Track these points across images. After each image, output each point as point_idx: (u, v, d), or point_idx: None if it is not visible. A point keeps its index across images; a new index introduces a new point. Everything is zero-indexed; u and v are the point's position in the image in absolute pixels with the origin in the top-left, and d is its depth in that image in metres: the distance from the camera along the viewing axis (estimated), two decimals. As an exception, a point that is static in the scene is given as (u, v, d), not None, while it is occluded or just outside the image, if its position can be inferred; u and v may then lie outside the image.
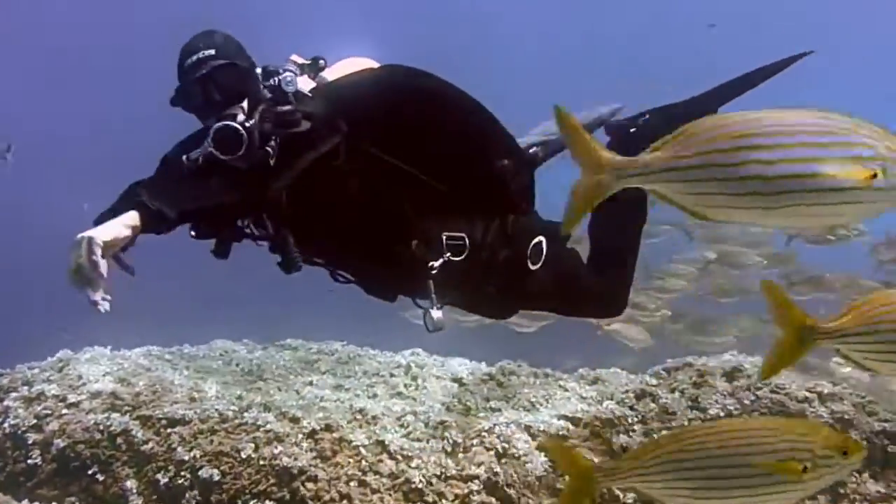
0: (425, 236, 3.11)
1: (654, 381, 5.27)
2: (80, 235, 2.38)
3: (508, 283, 3.35)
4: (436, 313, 3.16)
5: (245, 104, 2.88)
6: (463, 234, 3.17)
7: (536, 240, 3.31)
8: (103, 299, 2.40)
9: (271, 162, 2.83)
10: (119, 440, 4.58)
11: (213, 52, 2.86)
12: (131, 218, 2.50)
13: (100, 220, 3.09)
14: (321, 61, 3.20)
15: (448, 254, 3.13)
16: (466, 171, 3.19)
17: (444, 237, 3.14)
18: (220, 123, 2.79)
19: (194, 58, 2.86)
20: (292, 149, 2.86)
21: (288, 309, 11.84)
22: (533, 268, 3.31)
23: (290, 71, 3.00)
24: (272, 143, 2.83)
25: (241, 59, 2.93)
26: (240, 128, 2.78)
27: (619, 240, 3.70)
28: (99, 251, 2.36)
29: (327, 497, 4.31)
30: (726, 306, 8.25)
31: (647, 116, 3.59)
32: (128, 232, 2.48)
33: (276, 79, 2.95)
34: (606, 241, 3.67)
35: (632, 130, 3.57)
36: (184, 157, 2.88)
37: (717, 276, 8.22)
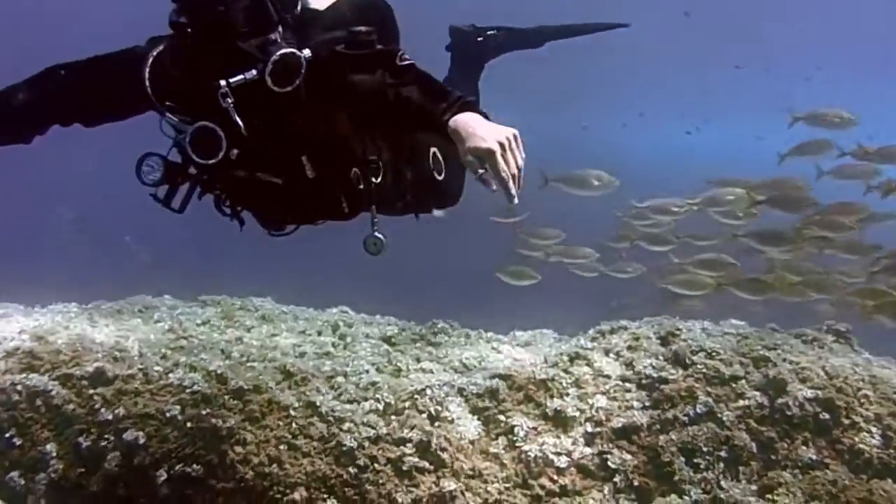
0: (359, 162, 3.13)
1: (588, 344, 5.27)
2: (496, 138, 2.41)
3: (422, 194, 3.56)
4: (379, 235, 3.17)
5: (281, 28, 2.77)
6: (376, 157, 3.17)
7: (431, 151, 3.48)
8: None
9: None
10: (38, 401, 4.38)
11: None
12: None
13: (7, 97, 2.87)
14: None
15: (372, 177, 3.14)
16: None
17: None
18: (286, 51, 2.69)
19: None
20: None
21: (206, 265, 11.60)
22: (440, 178, 3.53)
23: None
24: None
25: None
26: (302, 57, 2.71)
27: None
28: None
29: (256, 461, 4.22)
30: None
31: (495, 32, 3.99)
32: None
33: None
34: None
35: (479, 39, 3.97)
36: (223, 82, 2.68)
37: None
